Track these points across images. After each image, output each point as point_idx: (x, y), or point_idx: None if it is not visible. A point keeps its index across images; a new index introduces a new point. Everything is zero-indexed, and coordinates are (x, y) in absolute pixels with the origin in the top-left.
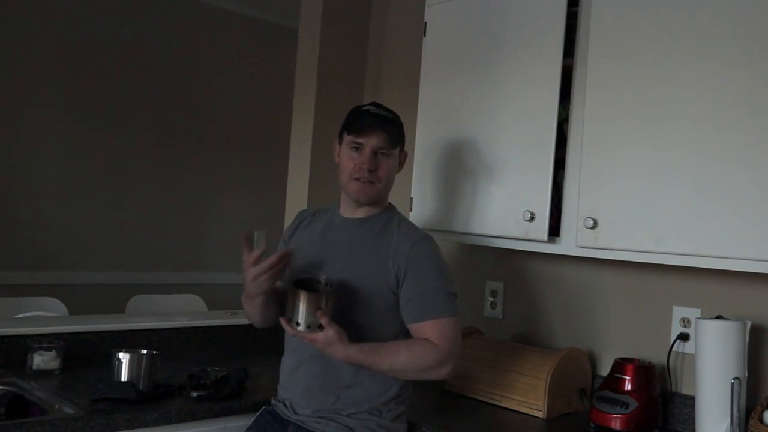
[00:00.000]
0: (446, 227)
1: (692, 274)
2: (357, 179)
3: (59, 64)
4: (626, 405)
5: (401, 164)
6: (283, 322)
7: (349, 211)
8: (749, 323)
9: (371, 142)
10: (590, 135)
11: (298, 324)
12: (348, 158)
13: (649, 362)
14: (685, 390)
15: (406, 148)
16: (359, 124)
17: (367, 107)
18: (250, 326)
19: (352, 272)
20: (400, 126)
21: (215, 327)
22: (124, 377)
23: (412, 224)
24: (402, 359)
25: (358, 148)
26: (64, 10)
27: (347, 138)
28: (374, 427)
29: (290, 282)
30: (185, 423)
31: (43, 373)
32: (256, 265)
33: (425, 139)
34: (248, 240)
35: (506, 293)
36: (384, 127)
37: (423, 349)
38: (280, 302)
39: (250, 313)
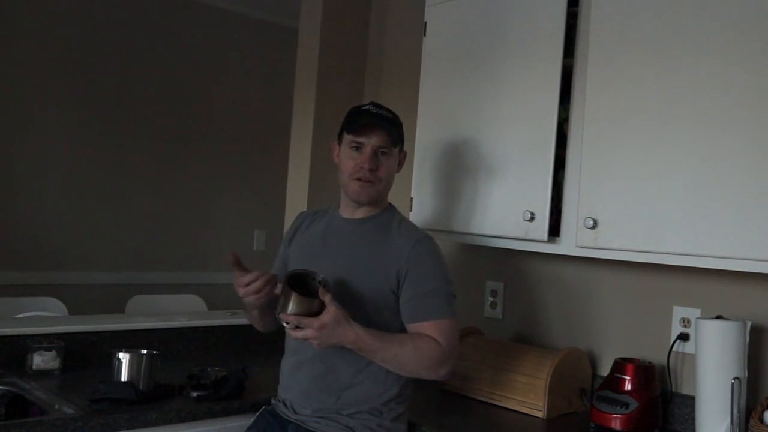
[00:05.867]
0: (446, 227)
1: (692, 274)
2: (358, 179)
3: (59, 65)
4: (626, 405)
5: (401, 164)
6: (291, 332)
7: (349, 211)
8: (749, 323)
9: (372, 141)
10: (590, 135)
11: (287, 323)
12: (348, 158)
13: (649, 362)
14: (685, 390)
15: (406, 148)
16: (359, 123)
17: (367, 107)
18: (250, 326)
19: (352, 272)
20: (400, 126)
21: (215, 327)
22: (124, 377)
23: (412, 224)
24: (407, 350)
25: (358, 147)
26: (65, 10)
27: (347, 137)
28: (374, 427)
29: (284, 279)
30: (185, 423)
31: (43, 373)
32: (245, 286)
33: (425, 139)
34: (238, 263)
35: (506, 293)
36: (384, 126)
37: (427, 344)
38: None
39: (249, 320)
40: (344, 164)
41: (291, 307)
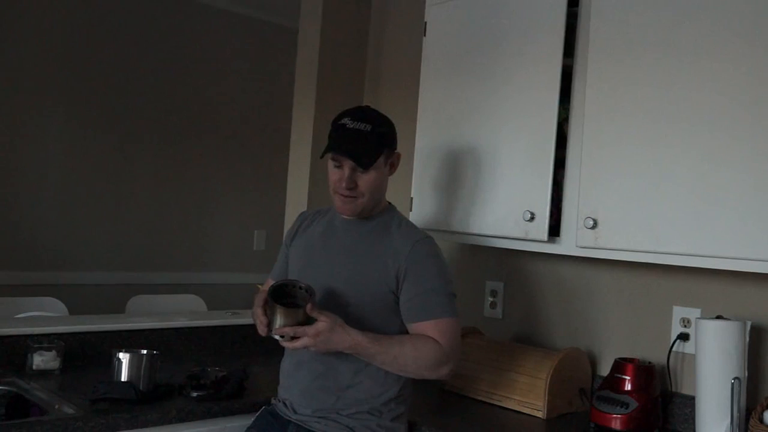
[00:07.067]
0: (446, 227)
1: (692, 274)
2: (339, 194)
3: (59, 65)
4: (626, 405)
5: (393, 166)
6: (288, 344)
7: None
8: (749, 323)
9: (348, 161)
10: (590, 135)
11: (282, 337)
12: (331, 172)
13: (649, 362)
14: (685, 390)
15: (405, 149)
16: (334, 143)
17: (345, 120)
18: (250, 326)
19: (352, 273)
20: (382, 135)
21: (215, 327)
22: (124, 377)
23: (412, 224)
24: (406, 351)
25: (338, 165)
26: (64, 10)
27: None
28: (374, 427)
29: (268, 294)
30: (185, 423)
31: (43, 373)
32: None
33: (425, 139)
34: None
35: (506, 293)
36: (355, 150)
37: (427, 345)
38: None
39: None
40: (328, 176)
41: (279, 320)
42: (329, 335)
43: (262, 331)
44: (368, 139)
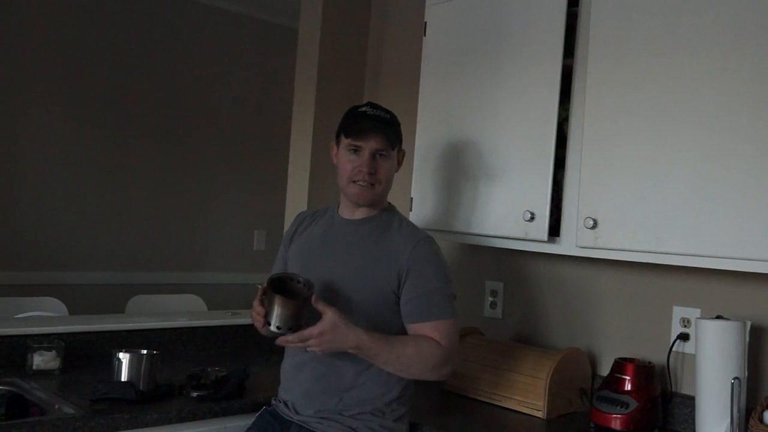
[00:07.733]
0: (446, 227)
1: (692, 274)
2: (356, 182)
3: (59, 64)
4: (626, 405)
5: (399, 163)
6: (283, 341)
7: (348, 212)
8: (749, 323)
9: (370, 144)
10: (590, 135)
11: (279, 328)
12: (346, 161)
13: (649, 362)
14: (685, 390)
15: (406, 148)
16: (357, 127)
17: (364, 108)
18: (250, 326)
19: (352, 273)
20: (398, 126)
21: (215, 327)
22: (124, 377)
23: (412, 224)
24: (409, 352)
25: (356, 150)
26: (64, 9)
27: (345, 141)
28: (377, 428)
29: (267, 284)
30: (185, 423)
31: (43, 373)
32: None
33: (425, 139)
34: (262, 296)
35: (506, 293)
36: (382, 129)
37: (429, 345)
38: None
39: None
40: (342, 167)
41: (277, 310)
42: (333, 335)
43: (258, 322)
44: (389, 126)
